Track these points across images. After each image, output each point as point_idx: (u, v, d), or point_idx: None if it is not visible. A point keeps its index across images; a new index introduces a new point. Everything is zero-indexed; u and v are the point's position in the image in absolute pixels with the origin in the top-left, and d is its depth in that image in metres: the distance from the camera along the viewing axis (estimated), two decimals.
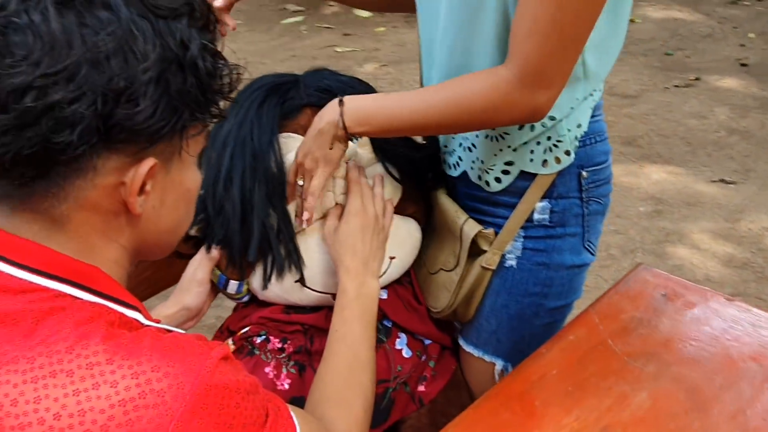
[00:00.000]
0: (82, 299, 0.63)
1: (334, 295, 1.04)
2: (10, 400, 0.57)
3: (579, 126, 1.06)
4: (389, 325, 1.13)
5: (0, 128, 0.56)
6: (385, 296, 1.13)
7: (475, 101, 0.93)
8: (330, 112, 1.01)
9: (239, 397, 0.63)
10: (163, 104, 0.61)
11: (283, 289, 1.08)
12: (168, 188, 0.68)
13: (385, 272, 1.10)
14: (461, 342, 1.22)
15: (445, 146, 1.18)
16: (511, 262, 1.11)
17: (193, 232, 1.10)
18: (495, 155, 1.08)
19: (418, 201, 1.19)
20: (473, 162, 1.12)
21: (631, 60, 4.65)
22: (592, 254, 1.15)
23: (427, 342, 1.15)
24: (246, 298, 1.15)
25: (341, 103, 1.00)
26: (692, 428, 0.77)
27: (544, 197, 1.08)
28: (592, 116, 1.08)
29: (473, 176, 1.12)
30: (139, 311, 0.67)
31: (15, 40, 0.56)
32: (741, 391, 0.81)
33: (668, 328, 0.92)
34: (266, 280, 1.07)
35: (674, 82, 4.22)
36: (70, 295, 0.63)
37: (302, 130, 1.09)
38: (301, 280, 1.07)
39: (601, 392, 0.82)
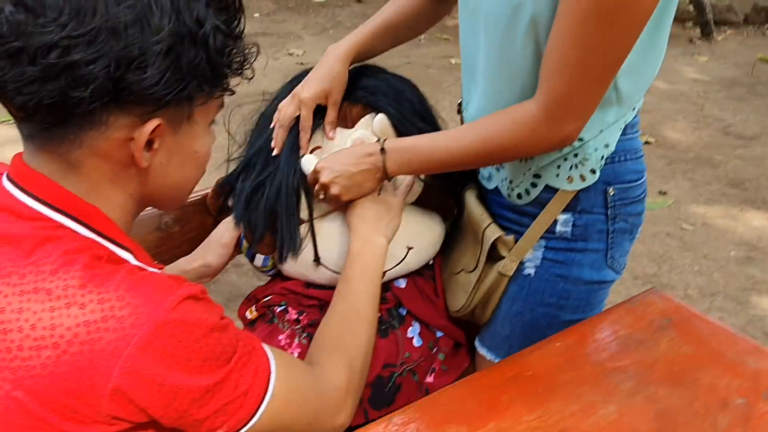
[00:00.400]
0: (78, 232, 0.72)
1: None
2: (0, 307, 0.66)
3: (606, 146, 1.06)
4: (404, 313, 1.16)
5: (27, 78, 0.65)
6: (403, 285, 1.17)
7: (505, 138, 0.97)
8: (374, 158, 1.07)
9: (200, 333, 0.69)
10: (170, 74, 0.68)
11: (303, 267, 1.14)
12: (176, 148, 0.76)
13: (402, 260, 1.14)
14: (476, 343, 1.24)
15: None
16: (530, 270, 1.12)
17: (230, 203, 1.19)
18: (524, 174, 1.10)
19: (443, 197, 1.21)
20: (503, 180, 1.15)
21: (755, 101, 4.41)
22: (617, 272, 1.14)
23: (440, 335, 1.18)
24: (273, 272, 1.22)
25: (383, 151, 1.06)
26: None
27: (567, 210, 1.08)
28: (625, 134, 1.07)
29: (503, 191, 1.14)
30: (131, 252, 0.75)
31: (48, 2, 0.64)
32: (716, 422, 0.80)
33: (660, 351, 0.91)
34: (281, 258, 1.14)
35: None
36: (69, 228, 0.72)
37: (340, 121, 1.17)
38: (317, 260, 1.13)
39: (570, 398, 0.83)
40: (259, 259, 1.19)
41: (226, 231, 1.17)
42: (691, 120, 4.13)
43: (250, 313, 1.21)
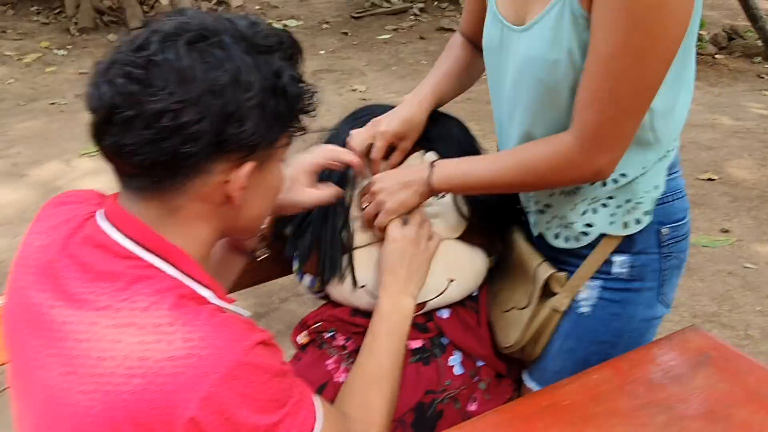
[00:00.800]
0: (166, 272, 0.81)
1: None
2: (98, 336, 0.76)
3: (656, 187, 1.10)
4: (445, 343, 1.22)
5: (144, 141, 0.75)
6: (446, 315, 1.23)
7: (541, 163, 1.03)
8: (421, 169, 1.14)
9: (266, 377, 0.77)
10: (262, 123, 0.79)
11: (345, 291, 1.22)
12: (261, 185, 0.86)
13: (442, 292, 1.20)
14: (524, 377, 1.28)
15: (525, 207, 1.25)
16: (585, 309, 1.16)
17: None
18: (571, 210, 1.14)
19: (488, 234, 1.27)
20: (548, 222, 1.18)
21: None
22: (666, 306, 1.17)
23: (481, 364, 1.23)
24: (321, 294, 1.30)
25: (432, 165, 1.13)
26: None
27: (623, 252, 1.12)
28: (670, 174, 1.11)
29: (550, 237, 1.18)
30: (211, 290, 0.85)
31: (155, 73, 0.75)
32: None
33: (696, 386, 0.93)
34: (323, 282, 1.21)
35: None
36: (158, 268, 0.81)
37: None
38: (355, 284, 1.20)
39: (602, 429, 0.86)
40: (307, 279, 1.27)
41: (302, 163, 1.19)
42: (757, 157, 4.05)
43: (302, 338, 1.28)
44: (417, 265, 1.15)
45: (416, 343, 1.21)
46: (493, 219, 1.26)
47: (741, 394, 0.92)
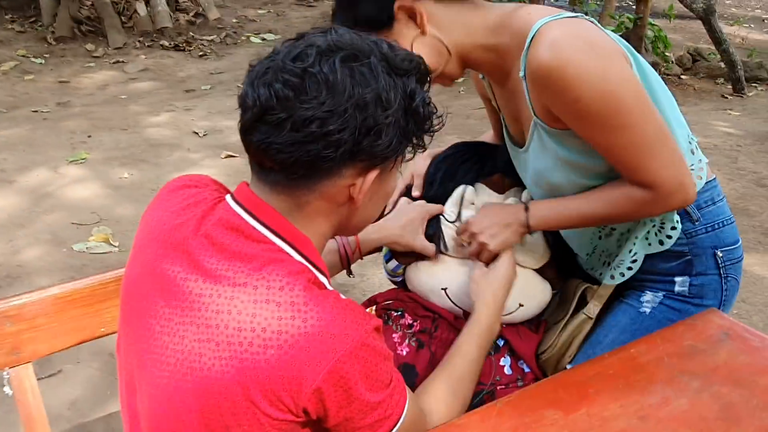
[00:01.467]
0: (293, 257, 0.91)
1: (463, 311, 1.30)
2: (237, 310, 0.85)
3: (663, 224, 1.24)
4: (501, 344, 1.33)
5: (291, 141, 0.85)
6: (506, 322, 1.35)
7: (630, 210, 1.17)
8: (517, 210, 1.26)
9: (380, 359, 0.87)
10: (394, 138, 0.89)
11: (428, 287, 1.34)
12: (378, 190, 0.96)
13: (511, 313, 1.32)
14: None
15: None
16: (646, 309, 1.29)
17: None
18: (619, 247, 1.29)
19: (557, 270, 1.38)
20: (594, 263, 1.35)
21: None
22: None
23: (527, 370, 1.33)
24: (400, 279, 1.41)
25: (527, 209, 1.25)
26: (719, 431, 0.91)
27: (684, 274, 1.26)
28: (715, 203, 1.25)
29: (606, 278, 1.31)
30: (326, 277, 0.95)
31: (309, 84, 0.84)
32: None
33: (721, 359, 1.05)
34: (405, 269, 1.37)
35: None
36: (287, 253, 0.91)
37: (491, 185, 1.38)
38: (446, 290, 1.32)
39: (647, 392, 0.98)
40: (393, 263, 1.38)
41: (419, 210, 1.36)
42: (725, 172, 4.27)
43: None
44: (506, 295, 1.27)
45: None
46: (565, 258, 1.39)
47: (760, 363, 1.05)
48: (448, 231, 1.33)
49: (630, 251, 1.26)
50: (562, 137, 1.16)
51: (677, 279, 1.26)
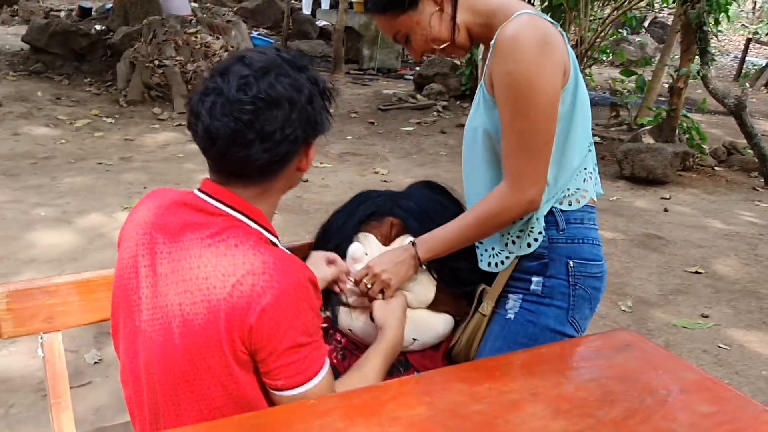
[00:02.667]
0: (249, 225, 1.19)
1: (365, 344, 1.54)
2: (204, 265, 1.13)
3: (538, 219, 1.47)
4: (408, 366, 1.57)
5: (263, 151, 1.13)
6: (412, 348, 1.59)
7: (487, 209, 1.42)
8: (407, 248, 1.51)
9: (309, 307, 1.14)
10: (323, 116, 1.20)
11: (347, 323, 1.61)
12: (311, 156, 1.24)
13: (408, 347, 1.56)
14: None
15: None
16: (510, 315, 1.51)
17: None
18: (498, 242, 1.52)
19: (454, 301, 1.60)
20: (481, 254, 1.56)
21: None
22: (577, 331, 1.50)
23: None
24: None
25: (414, 245, 1.50)
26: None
27: (539, 274, 1.48)
28: (583, 224, 1.48)
29: (483, 265, 1.55)
30: (276, 239, 1.23)
31: (261, 106, 1.12)
32: (643, 401, 1.14)
33: (616, 361, 1.25)
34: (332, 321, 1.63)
35: None
36: (243, 221, 1.19)
37: (379, 235, 1.59)
38: (350, 330, 1.61)
39: (544, 378, 1.17)
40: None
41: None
42: (742, 257, 4.38)
43: None
44: (404, 312, 1.53)
45: None
46: (460, 289, 1.59)
47: (648, 367, 1.24)
48: (347, 286, 1.55)
49: (506, 245, 1.49)
50: (490, 105, 1.41)
51: (533, 279, 1.48)
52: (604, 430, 1.06)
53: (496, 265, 1.52)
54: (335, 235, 1.61)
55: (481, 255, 1.55)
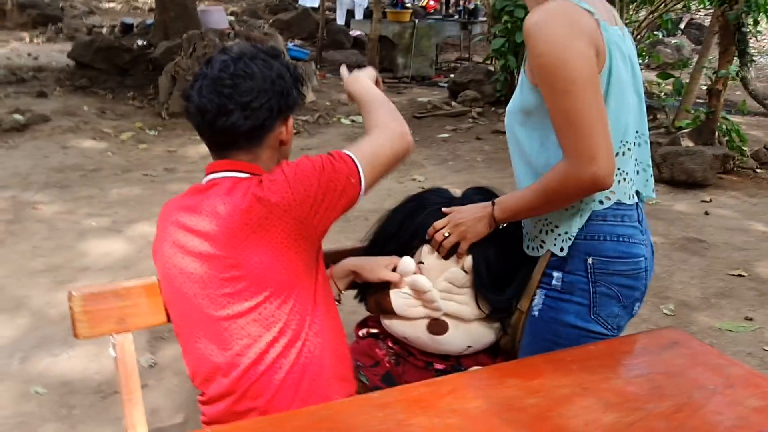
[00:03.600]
0: (252, 178, 1.37)
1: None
2: (219, 205, 1.38)
3: (566, 232, 1.50)
4: (461, 369, 1.65)
5: (244, 118, 1.35)
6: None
7: (551, 183, 1.44)
8: (486, 207, 1.58)
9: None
10: (293, 93, 1.41)
11: (399, 330, 1.68)
12: (290, 131, 1.46)
13: (461, 354, 1.66)
14: None
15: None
16: (536, 312, 1.56)
17: None
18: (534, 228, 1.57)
19: (500, 316, 1.67)
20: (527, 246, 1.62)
21: None
22: (606, 328, 1.49)
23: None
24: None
25: (494, 203, 1.58)
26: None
27: (559, 269, 1.52)
28: (606, 221, 1.49)
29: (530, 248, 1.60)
30: None
31: (239, 81, 1.37)
32: (702, 388, 1.18)
33: (663, 358, 1.30)
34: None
35: None
36: (246, 177, 1.37)
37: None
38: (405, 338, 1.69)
39: (594, 373, 1.23)
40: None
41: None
42: None
43: (363, 333, 1.76)
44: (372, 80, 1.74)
45: (440, 366, 1.67)
46: (504, 310, 1.66)
47: (694, 363, 1.28)
48: (399, 300, 1.62)
49: (541, 231, 1.54)
50: (530, 89, 1.46)
51: (554, 274, 1.51)
52: (654, 422, 1.11)
53: (533, 249, 1.59)
54: (391, 241, 1.69)
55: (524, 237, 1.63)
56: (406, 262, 1.61)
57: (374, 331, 1.72)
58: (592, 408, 1.14)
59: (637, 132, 1.53)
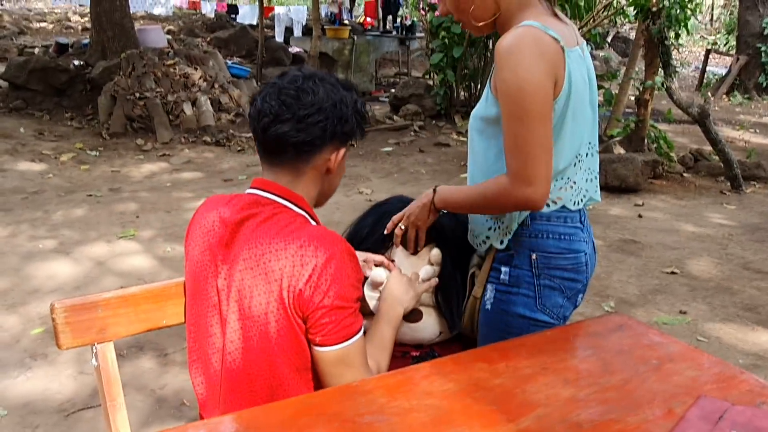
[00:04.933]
0: (293, 210, 1.42)
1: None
2: (261, 239, 1.37)
3: (507, 227, 1.64)
4: (435, 355, 1.78)
5: (297, 130, 1.38)
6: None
7: (491, 196, 1.56)
8: (428, 196, 1.72)
9: (351, 276, 1.37)
10: (354, 125, 1.44)
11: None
12: (341, 164, 1.48)
13: (434, 339, 1.79)
14: None
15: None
16: (488, 306, 1.68)
17: None
18: (481, 237, 1.70)
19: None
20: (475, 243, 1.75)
21: None
22: (552, 318, 1.63)
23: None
24: None
25: (435, 191, 1.70)
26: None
27: (506, 264, 1.65)
28: (549, 221, 1.62)
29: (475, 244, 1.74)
30: (317, 221, 1.46)
31: (302, 94, 1.40)
32: (639, 369, 1.33)
33: (611, 340, 1.45)
34: None
35: None
36: (288, 207, 1.42)
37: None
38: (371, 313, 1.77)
39: (551, 355, 1.37)
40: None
41: None
42: (714, 257, 4.64)
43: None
44: (407, 289, 1.70)
45: (415, 353, 1.80)
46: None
47: (639, 342, 1.43)
48: (374, 302, 1.71)
49: (489, 229, 1.67)
50: (493, 101, 1.56)
51: (502, 269, 1.64)
52: (606, 394, 1.24)
53: (478, 245, 1.72)
54: (363, 244, 1.80)
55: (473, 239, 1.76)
56: (377, 272, 1.71)
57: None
58: (552, 384, 1.27)
59: (589, 143, 1.66)
